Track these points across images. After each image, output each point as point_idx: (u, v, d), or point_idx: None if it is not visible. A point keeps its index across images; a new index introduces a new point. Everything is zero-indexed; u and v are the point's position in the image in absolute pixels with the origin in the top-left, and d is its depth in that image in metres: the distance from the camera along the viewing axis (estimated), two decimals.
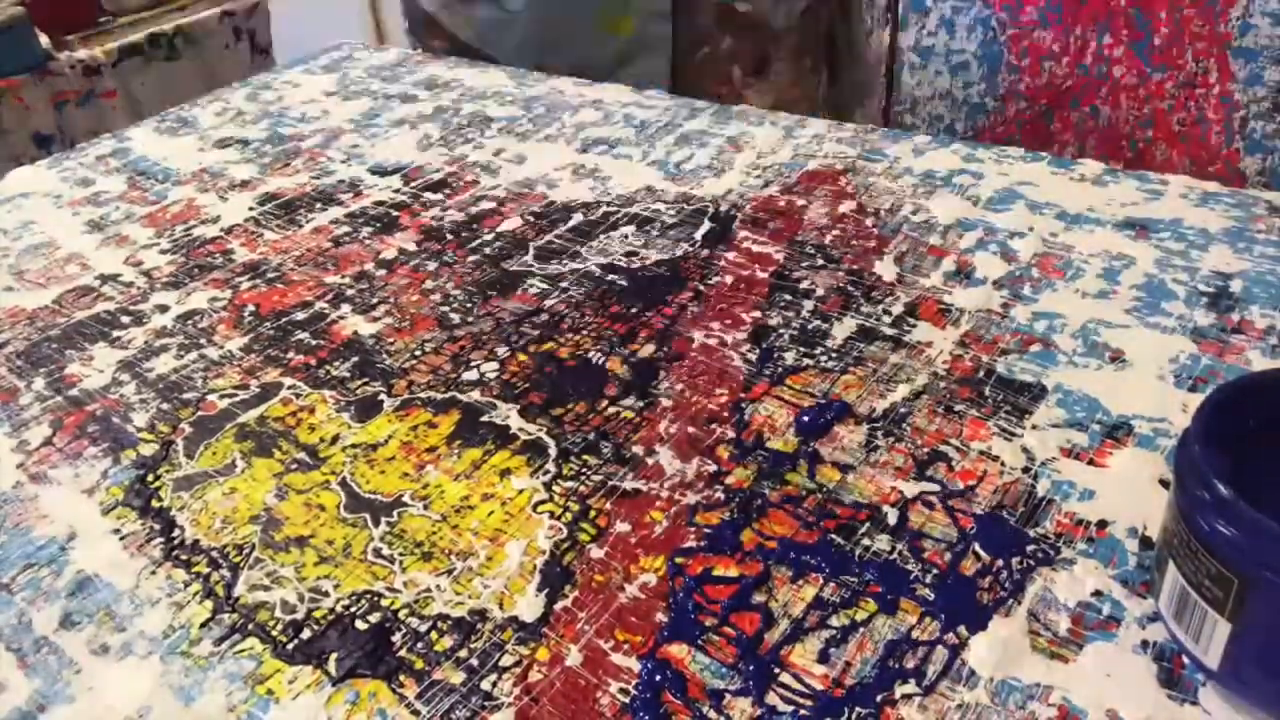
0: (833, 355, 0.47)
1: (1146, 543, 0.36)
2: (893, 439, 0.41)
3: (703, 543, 0.37)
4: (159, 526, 0.41)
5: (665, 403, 0.45)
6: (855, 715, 0.31)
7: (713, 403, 0.44)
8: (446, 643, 0.35)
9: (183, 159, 0.76)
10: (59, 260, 0.63)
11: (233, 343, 0.52)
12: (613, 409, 0.45)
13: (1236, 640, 0.29)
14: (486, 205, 0.64)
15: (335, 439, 0.45)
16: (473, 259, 0.58)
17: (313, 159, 0.73)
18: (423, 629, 0.35)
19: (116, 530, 0.41)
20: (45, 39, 1.60)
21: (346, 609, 0.36)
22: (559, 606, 0.36)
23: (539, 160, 0.69)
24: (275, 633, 0.36)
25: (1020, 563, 0.35)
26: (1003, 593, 0.34)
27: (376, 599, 0.37)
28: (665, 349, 0.48)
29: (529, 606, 0.36)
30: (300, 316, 0.54)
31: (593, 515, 0.39)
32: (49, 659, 0.36)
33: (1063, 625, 0.33)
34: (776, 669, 0.32)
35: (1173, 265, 0.50)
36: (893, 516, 0.38)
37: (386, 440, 0.44)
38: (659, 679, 0.32)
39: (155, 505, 0.42)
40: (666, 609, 0.35)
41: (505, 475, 0.42)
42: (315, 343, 0.52)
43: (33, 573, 0.40)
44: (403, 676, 0.34)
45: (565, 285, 0.54)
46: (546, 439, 0.43)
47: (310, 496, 0.42)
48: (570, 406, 0.45)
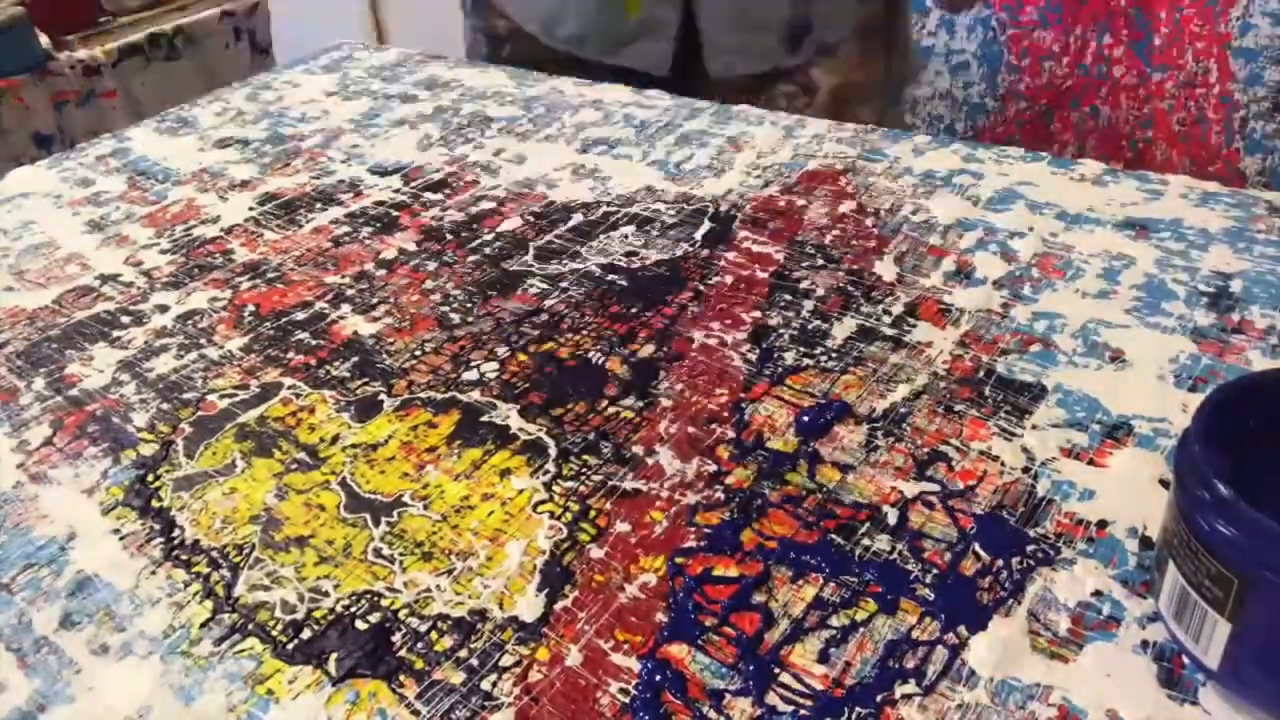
0: (833, 355, 0.47)
1: (1146, 543, 0.36)
2: (893, 439, 0.41)
3: (703, 543, 0.37)
4: (159, 526, 0.41)
5: (665, 403, 0.45)
6: (855, 715, 0.31)
7: (713, 403, 0.44)
8: (446, 643, 0.35)
9: (183, 159, 0.76)
10: (59, 260, 0.63)
11: (233, 343, 0.52)
12: (613, 409, 0.45)
13: (1236, 640, 0.29)
14: (486, 205, 0.64)
15: (335, 439, 0.45)
16: (473, 259, 0.58)
17: (313, 159, 0.73)
18: (423, 629, 0.35)
19: (116, 530, 0.41)
20: (45, 39, 1.60)
21: (346, 609, 0.36)
22: (559, 606, 0.36)
23: (539, 160, 0.69)
24: (275, 633, 0.36)
25: (1020, 563, 0.35)
26: (1003, 593, 0.34)
27: (376, 599, 0.37)
28: (665, 349, 0.48)
29: (529, 606, 0.36)
30: (300, 316, 0.54)
31: (593, 515, 0.39)
32: (49, 659, 0.36)
33: (1063, 625, 0.33)
34: (776, 669, 0.32)
35: (1173, 265, 0.51)
36: (893, 516, 0.38)
37: (386, 440, 0.44)
38: (659, 679, 0.32)
39: (155, 505, 0.42)
40: (666, 609, 0.35)
41: (505, 475, 0.42)
42: (315, 343, 0.52)
43: (32, 573, 0.40)
44: (403, 676, 0.34)
45: (565, 285, 0.54)
46: (546, 439, 0.43)
47: (310, 496, 0.42)
48: (570, 406, 0.45)
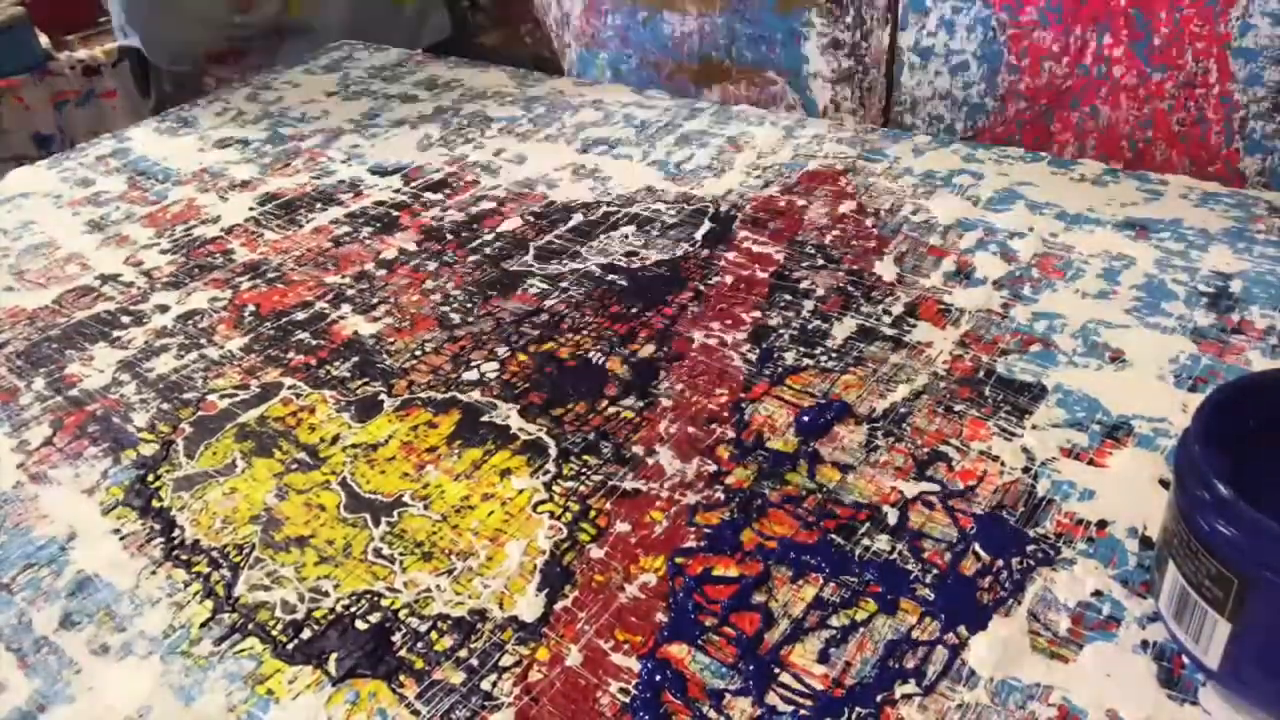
0: (833, 355, 0.47)
1: (1146, 543, 0.36)
2: (893, 439, 0.41)
3: (703, 543, 0.37)
4: (159, 526, 0.41)
5: (665, 403, 0.45)
6: (855, 715, 0.31)
7: (713, 403, 0.44)
8: (446, 642, 0.35)
9: (183, 159, 0.76)
10: (59, 260, 0.63)
11: (233, 343, 0.52)
12: (613, 409, 0.45)
13: (1236, 640, 0.29)
14: (486, 205, 0.64)
15: (335, 439, 0.45)
16: (473, 259, 0.58)
17: (313, 159, 0.73)
18: (423, 629, 0.35)
19: (117, 530, 0.41)
20: (45, 39, 1.60)
21: (346, 609, 0.36)
22: (559, 606, 0.36)
23: (539, 160, 0.69)
24: (275, 633, 0.36)
25: (1020, 563, 0.35)
26: (1003, 593, 0.34)
27: (376, 599, 0.37)
28: (665, 349, 0.48)
29: (529, 606, 0.36)
30: (300, 316, 0.54)
31: (593, 515, 0.39)
32: (49, 659, 0.36)
33: (1063, 625, 0.33)
34: (776, 669, 0.32)
35: (1173, 265, 0.50)
36: (893, 516, 0.38)
37: (387, 440, 0.44)
38: (659, 679, 0.32)
39: (155, 505, 0.42)
40: (666, 609, 0.35)
41: (505, 475, 0.42)
42: (315, 343, 0.52)
43: (33, 573, 0.40)
44: (403, 676, 0.34)
45: (565, 285, 0.54)
46: (546, 439, 0.43)
47: (310, 496, 0.42)
48: (570, 406, 0.45)
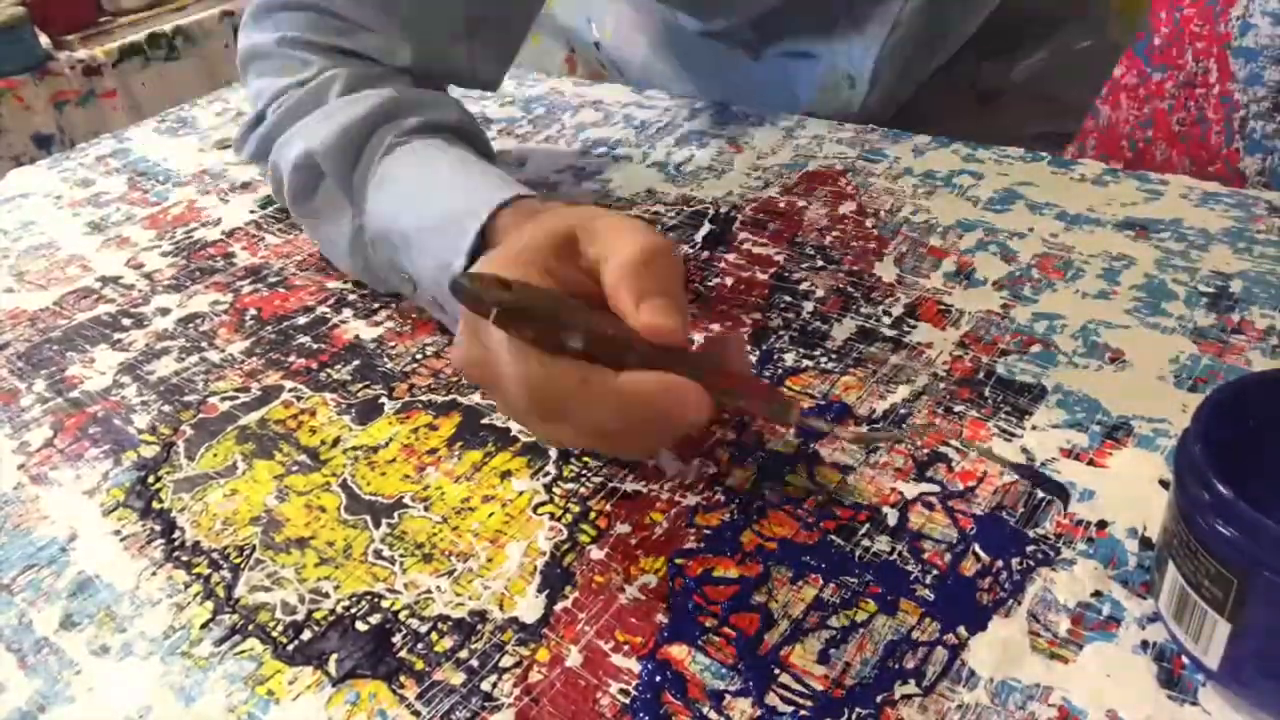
0: (832, 356, 0.47)
1: (1146, 543, 0.36)
2: (893, 439, 0.41)
3: (703, 544, 0.37)
4: (160, 528, 0.41)
5: None
6: (855, 715, 0.31)
7: None
8: (447, 644, 0.35)
9: (183, 160, 0.76)
10: (59, 262, 0.63)
11: (234, 346, 0.53)
12: None
13: (1236, 640, 0.29)
14: None
15: (336, 441, 0.45)
16: None
17: None
18: (423, 630, 0.35)
19: (117, 531, 0.41)
20: (45, 39, 1.60)
21: (347, 610, 0.36)
22: (559, 607, 0.36)
23: (539, 162, 0.69)
24: (276, 634, 0.36)
25: (1020, 563, 0.35)
26: (1003, 593, 0.34)
27: (377, 600, 0.37)
28: None
29: (529, 607, 0.36)
30: (302, 321, 0.54)
31: (593, 516, 0.39)
32: (49, 659, 0.36)
33: (1063, 626, 0.33)
34: (776, 669, 0.32)
35: (1173, 265, 0.51)
36: (892, 517, 0.38)
37: (387, 443, 0.44)
38: (659, 680, 0.33)
39: (156, 507, 0.42)
40: (666, 610, 0.35)
41: (506, 477, 0.42)
42: (316, 346, 0.52)
43: (33, 573, 0.40)
44: (403, 677, 0.34)
45: None
46: None
47: (311, 498, 0.42)
48: None
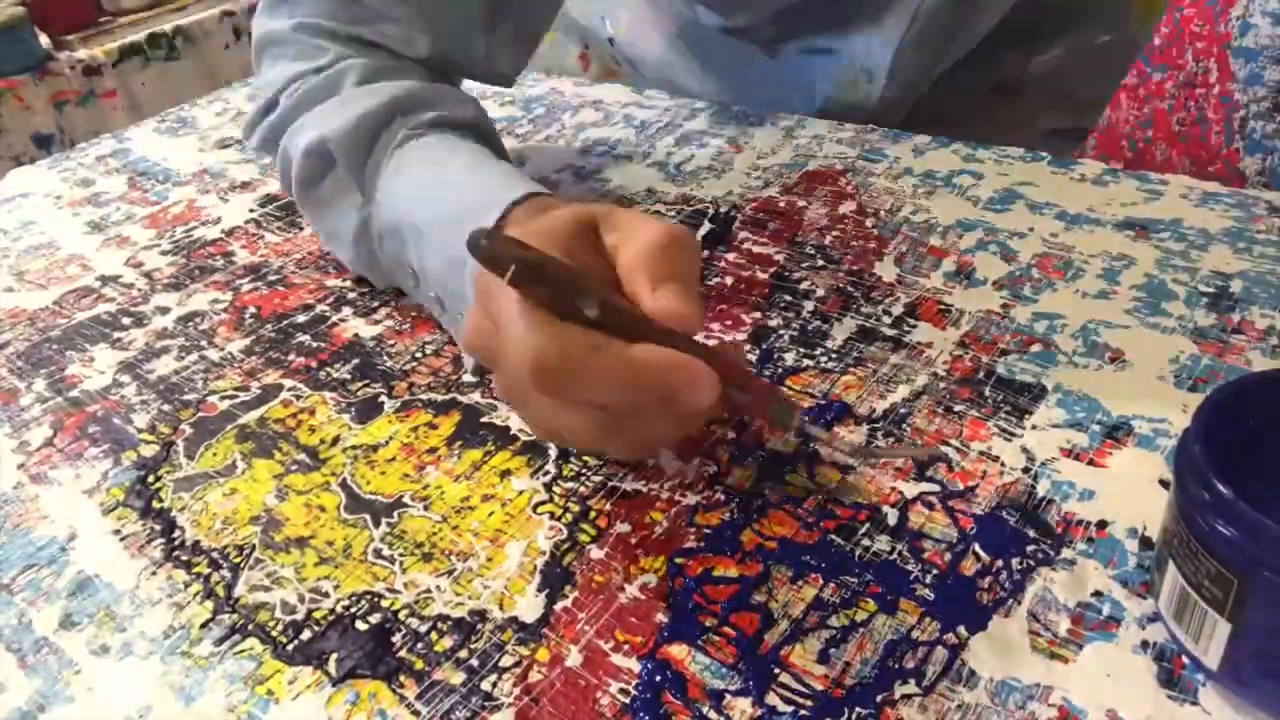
0: (832, 356, 0.47)
1: (1146, 543, 0.36)
2: (893, 439, 0.41)
3: (702, 543, 0.37)
4: (159, 527, 0.41)
5: None
6: (855, 715, 0.31)
7: None
8: (446, 643, 0.35)
9: (183, 159, 0.76)
10: (59, 261, 0.63)
11: (233, 344, 0.53)
12: None
13: (1236, 640, 0.29)
14: None
15: (336, 440, 0.45)
16: None
17: None
18: (423, 629, 0.35)
19: (117, 531, 0.41)
20: (45, 39, 1.61)
21: (347, 609, 0.36)
22: (559, 607, 0.36)
23: (539, 162, 0.69)
24: (275, 633, 0.36)
25: (1020, 563, 0.35)
26: (1003, 593, 0.34)
27: (377, 600, 0.37)
28: None
29: (529, 607, 0.36)
30: (301, 319, 0.54)
31: (593, 516, 0.39)
32: (49, 659, 0.36)
33: (1063, 625, 0.33)
34: (776, 669, 0.32)
35: (1173, 265, 0.51)
36: (892, 517, 0.38)
37: (387, 441, 0.44)
38: (659, 679, 0.32)
39: (156, 506, 0.42)
40: (666, 609, 0.35)
41: (505, 476, 0.42)
42: (316, 345, 0.52)
43: (33, 573, 0.40)
44: (403, 677, 0.34)
45: None
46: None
47: (310, 497, 0.42)
48: None
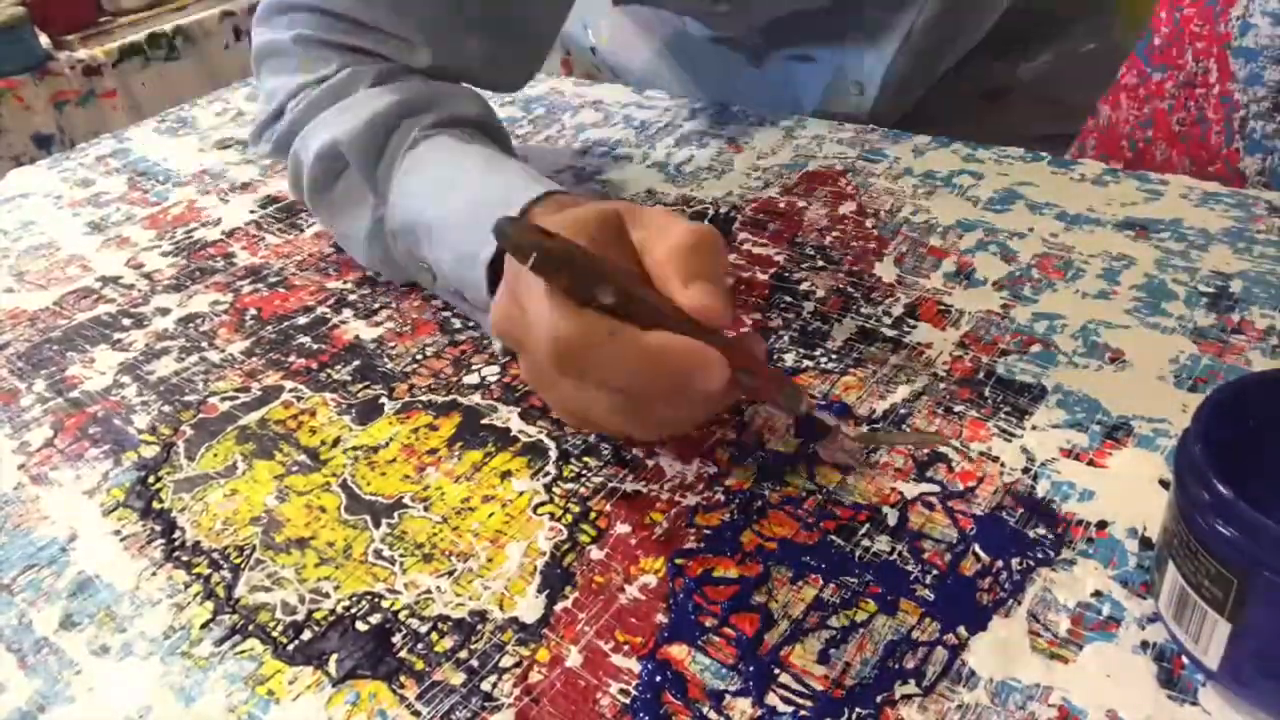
0: (833, 356, 0.47)
1: (1146, 543, 0.36)
2: (891, 443, 0.41)
3: (702, 544, 0.37)
4: (160, 528, 0.41)
5: None
6: (855, 716, 0.31)
7: None
8: (447, 644, 0.35)
9: (183, 160, 0.76)
10: (59, 262, 0.63)
11: (234, 346, 0.53)
12: None
13: (1236, 640, 0.29)
14: None
15: (336, 441, 0.45)
16: None
17: None
18: (423, 630, 0.35)
19: (117, 531, 0.41)
20: (45, 39, 1.61)
21: (347, 610, 0.36)
22: (559, 608, 0.36)
23: (539, 162, 0.69)
24: (276, 634, 0.36)
25: (1020, 563, 0.35)
26: (1002, 593, 0.34)
27: (377, 600, 0.37)
28: None
29: (529, 608, 0.36)
30: (302, 321, 0.54)
31: (593, 517, 0.39)
32: (49, 659, 0.36)
33: (1063, 626, 0.33)
34: (776, 669, 0.32)
35: (1173, 265, 0.51)
36: (892, 517, 0.38)
37: (387, 443, 0.44)
38: (659, 680, 0.33)
39: (156, 507, 0.42)
40: (666, 610, 0.35)
41: (506, 477, 0.42)
42: (317, 346, 0.52)
43: (33, 573, 0.40)
44: (403, 677, 0.34)
45: None
46: (547, 441, 0.43)
47: (311, 498, 0.42)
48: None
